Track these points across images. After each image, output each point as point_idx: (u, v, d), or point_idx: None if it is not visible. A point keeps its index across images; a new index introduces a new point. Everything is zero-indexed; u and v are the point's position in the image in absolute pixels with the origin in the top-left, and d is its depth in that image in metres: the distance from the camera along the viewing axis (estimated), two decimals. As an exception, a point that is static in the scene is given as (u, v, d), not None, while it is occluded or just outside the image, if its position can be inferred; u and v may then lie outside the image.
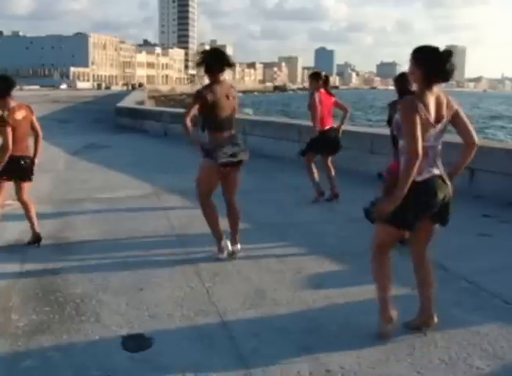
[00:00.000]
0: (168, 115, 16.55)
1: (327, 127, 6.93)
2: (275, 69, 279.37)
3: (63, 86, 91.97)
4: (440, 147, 3.15)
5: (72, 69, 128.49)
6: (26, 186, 5.17)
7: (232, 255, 4.74)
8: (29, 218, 5.19)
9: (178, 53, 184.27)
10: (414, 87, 3.28)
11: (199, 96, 4.50)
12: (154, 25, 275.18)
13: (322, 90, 6.89)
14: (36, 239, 5.15)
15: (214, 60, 4.54)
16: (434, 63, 2.99)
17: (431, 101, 3.02)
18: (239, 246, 4.81)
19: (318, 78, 6.95)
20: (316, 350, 3.17)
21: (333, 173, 7.03)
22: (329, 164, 7.04)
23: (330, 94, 7.03)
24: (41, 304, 3.83)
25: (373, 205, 3.19)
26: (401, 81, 4.93)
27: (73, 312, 3.69)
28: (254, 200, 6.92)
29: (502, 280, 4.24)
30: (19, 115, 4.98)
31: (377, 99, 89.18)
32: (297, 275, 4.41)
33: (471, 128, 3.21)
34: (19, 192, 5.15)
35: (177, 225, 5.87)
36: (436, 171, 3.11)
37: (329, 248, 5.09)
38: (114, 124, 19.29)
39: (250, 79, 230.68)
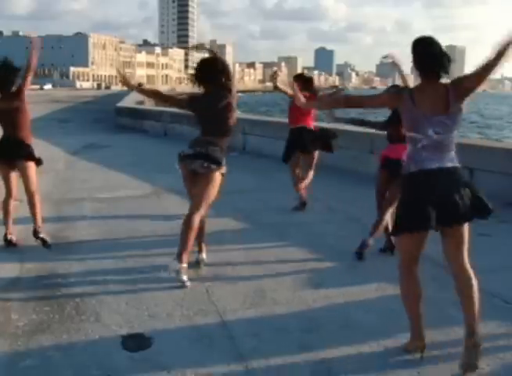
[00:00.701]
0: (168, 115, 16.53)
1: (297, 125, 6.68)
2: (275, 69, 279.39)
3: (47, 86, 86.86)
4: (447, 142, 2.96)
5: (72, 69, 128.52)
6: (31, 172, 5.07)
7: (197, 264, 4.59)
8: (32, 215, 5.13)
9: (177, 53, 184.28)
10: None
11: (188, 97, 4.58)
12: (154, 25, 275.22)
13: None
14: (35, 234, 5.09)
15: (198, 73, 4.42)
16: (416, 53, 2.98)
17: (427, 93, 2.95)
18: (203, 255, 4.67)
19: (297, 80, 6.71)
20: (316, 350, 3.17)
21: (308, 175, 6.64)
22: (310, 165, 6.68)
23: (310, 95, 6.84)
24: (41, 303, 3.83)
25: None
26: None
27: (73, 312, 3.69)
28: (254, 200, 6.92)
29: (501, 280, 4.24)
30: None
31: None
32: (297, 275, 4.41)
33: None
34: (25, 181, 5.08)
35: (176, 225, 5.84)
36: (436, 164, 2.94)
37: (329, 248, 5.09)
38: (114, 124, 19.29)
39: (250, 79, 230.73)
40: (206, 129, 4.40)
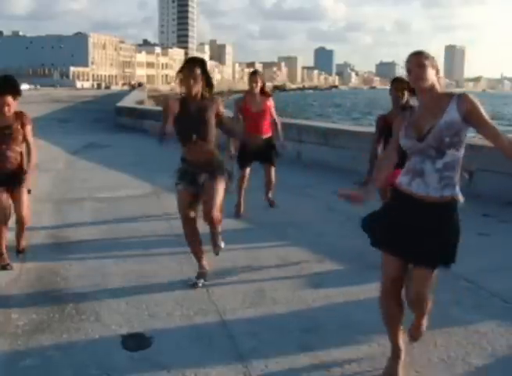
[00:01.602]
0: (168, 115, 16.52)
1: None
2: (275, 69, 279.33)
3: (23, 87, 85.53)
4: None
5: (72, 68, 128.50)
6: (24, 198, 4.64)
7: None
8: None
9: (177, 53, 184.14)
10: None
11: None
12: (154, 25, 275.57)
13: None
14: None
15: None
16: None
17: None
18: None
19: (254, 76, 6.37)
20: (316, 349, 3.17)
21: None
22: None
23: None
24: (41, 303, 3.83)
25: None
26: None
27: (73, 312, 3.70)
28: (253, 200, 6.91)
29: (501, 279, 4.24)
30: None
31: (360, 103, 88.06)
32: (297, 274, 4.41)
33: None
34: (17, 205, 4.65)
35: (176, 224, 5.85)
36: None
37: (329, 248, 5.09)
38: (114, 123, 19.29)
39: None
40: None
